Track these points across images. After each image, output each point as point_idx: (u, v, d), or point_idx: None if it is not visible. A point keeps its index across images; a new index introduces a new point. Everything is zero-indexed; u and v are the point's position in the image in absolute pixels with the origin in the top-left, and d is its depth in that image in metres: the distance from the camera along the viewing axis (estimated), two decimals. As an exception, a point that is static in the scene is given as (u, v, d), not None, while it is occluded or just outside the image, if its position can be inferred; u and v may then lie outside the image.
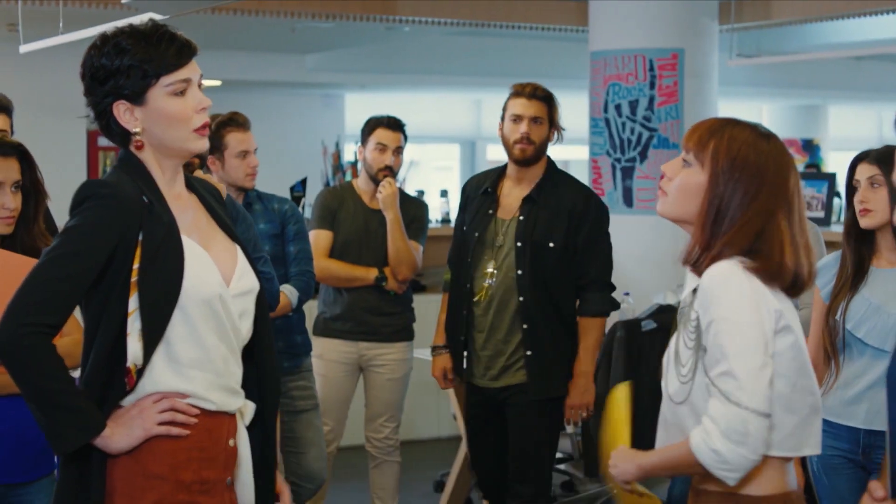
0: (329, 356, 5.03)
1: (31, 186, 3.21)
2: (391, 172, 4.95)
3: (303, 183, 7.67)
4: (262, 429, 2.59)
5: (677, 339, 2.42)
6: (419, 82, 12.74)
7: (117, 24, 2.51)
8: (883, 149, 3.52)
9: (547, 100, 4.38)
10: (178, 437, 2.41)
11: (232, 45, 10.89)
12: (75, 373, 2.42)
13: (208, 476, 2.45)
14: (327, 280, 4.96)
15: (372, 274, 4.91)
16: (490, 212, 4.38)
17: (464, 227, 4.45)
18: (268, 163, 8.73)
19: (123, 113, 2.44)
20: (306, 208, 8.20)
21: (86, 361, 2.41)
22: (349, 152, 9.61)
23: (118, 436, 2.37)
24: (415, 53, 11.51)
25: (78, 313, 2.46)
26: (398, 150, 4.99)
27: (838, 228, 7.45)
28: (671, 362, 2.42)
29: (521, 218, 4.30)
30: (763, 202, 2.33)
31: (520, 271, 4.26)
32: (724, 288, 2.29)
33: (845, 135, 17.22)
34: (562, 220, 4.29)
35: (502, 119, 4.42)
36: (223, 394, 2.47)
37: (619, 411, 2.62)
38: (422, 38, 10.88)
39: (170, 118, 2.44)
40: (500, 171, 4.48)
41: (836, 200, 7.80)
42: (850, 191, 3.52)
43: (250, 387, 2.56)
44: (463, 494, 5.88)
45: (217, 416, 2.47)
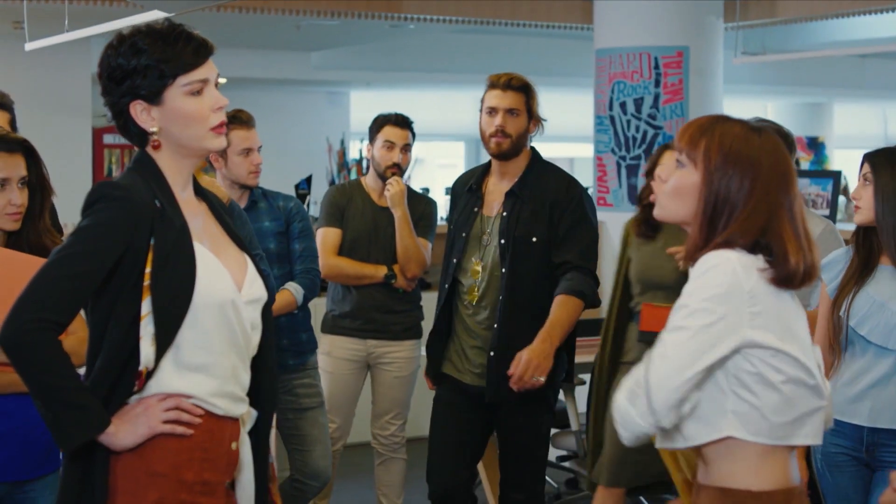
0: (337, 353, 5.03)
1: (36, 182, 3.21)
2: (399, 170, 4.94)
3: (308, 180, 7.68)
4: (255, 438, 2.59)
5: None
6: (424, 80, 12.74)
7: (133, 23, 2.51)
8: (884, 147, 3.52)
9: (524, 90, 4.15)
10: (181, 437, 2.41)
11: (237, 43, 10.90)
12: (80, 371, 2.43)
13: (210, 478, 2.46)
14: (336, 278, 4.95)
15: (381, 271, 4.91)
16: (475, 209, 4.21)
17: (452, 226, 4.30)
18: (273, 160, 8.74)
19: (140, 113, 2.44)
20: (311, 206, 8.22)
21: (91, 361, 2.42)
22: (354, 150, 9.63)
23: (123, 433, 2.37)
24: (420, 51, 11.51)
25: (82, 313, 2.46)
26: (406, 148, 4.99)
27: (842, 226, 7.46)
28: None
29: (505, 214, 4.12)
30: (760, 196, 2.31)
31: (503, 269, 4.08)
32: (706, 268, 2.29)
33: (850, 132, 17.22)
34: (544, 213, 4.11)
35: (480, 112, 4.22)
36: (227, 400, 2.48)
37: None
38: (426, 36, 10.88)
39: (187, 118, 2.44)
40: (485, 167, 4.30)
41: (840, 198, 7.79)
42: None
43: (249, 395, 2.56)
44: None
45: (220, 419, 2.47)
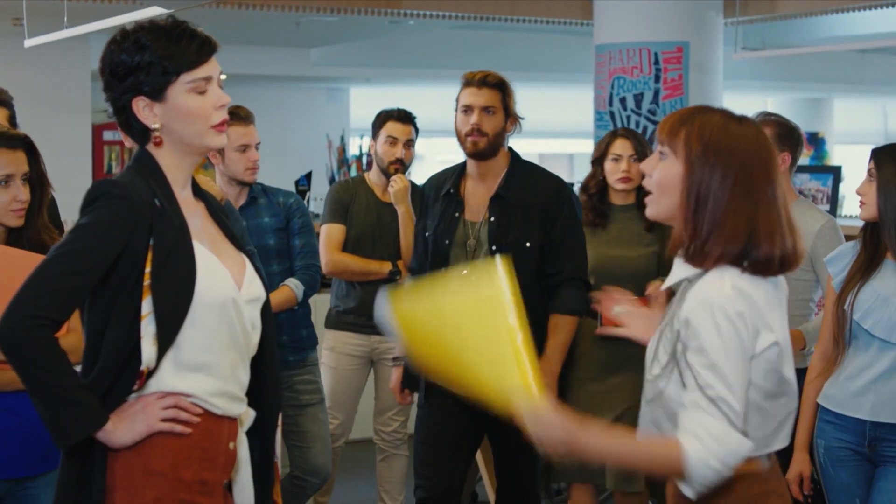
0: (341, 349, 5.03)
1: (36, 178, 3.21)
2: (402, 165, 4.94)
3: (307, 177, 7.68)
4: (260, 438, 2.60)
5: (660, 334, 2.41)
6: (424, 76, 12.73)
7: (133, 19, 2.51)
8: (890, 143, 3.53)
9: (499, 87, 4.02)
10: (180, 436, 2.41)
11: (236, 39, 10.89)
12: (77, 368, 2.42)
13: (208, 477, 2.46)
14: (341, 274, 4.94)
15: (386, 267, 4.91)
16: (456, 215, 4.02)
17: (426, 234, 4.09)
18: (272, 157, 8.74)
19: (143, 109, 2.44)
20: (311, 202, 8.22)
21: (88, 360, 2.41)
22: (354, 146, 9.62)
23: (121, 430, 2.37)
24: (419, 47, 11.51)
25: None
26: (409, 143, 4.98)
27: (843, 222, 7.45)
28: (653, 356, 2.41)
29: (493, 219, 3.95)
30: (743, 184, 2.30)
31: None
32: (712, 321, 2.26)
33: (850, 128, 17.20)
34: (535, 217, 3.96)
35: (455, 111, 4.10)
36: (226, 400, 2.48)
37: (498, 308, 2.46)
38: (426, 32, 10.87)
39: (189, 115, 2.44)
40: (459, 169, 4.11)
41: (840, 193, 7.79)
42: None
43: (250, 396, 2.56)
44: (468, 488, 5.88)
45: (219, 419, 2.47)
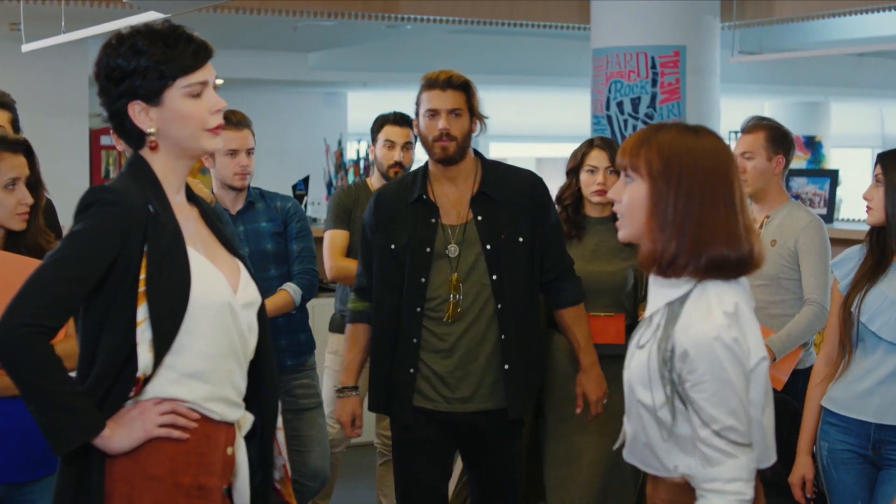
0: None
1: (33, 182, 3.22)
2: (402, 168, 4.93)
3: (305, 181, 7.68)
4: (259, 443, 2.60)
5: (648, 356, 2.41)
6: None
7: (130, 24, 2.51)
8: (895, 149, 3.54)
9: (464, 88, 3.87)
10: (177, 441, 2.41)
11: (234, 44, 10.90)
12: (72, 374, 2.42)
13: (205, 482, 2.45)
14: (345, 280, 4.92)
15: None
16: (433, 220, 3.84)
17: (391, 247, 3.86)
18: (270, 161, 8.75)
19: (138, 113, 2.44)
20: (308, 206, 8.23)
21: (84, 366, 2.41)
22: (351, 150, 9.63)
23: (118, 436, 2.37)
24: (417, 51, 11.51)
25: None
26: (407, 146, 4.99)
27: (840, 226, 7.46)
28: (647, 383, 2.42)
29: (480, 218, 3.83)
30: (706, 192, 2.35)
31: (494, 276, 3.79)
32: (710, 355, 2.30)
33: (847, 132, 17.21)
34: (523, 212, 3.86)
35: (416, 115, 3.92)
36: (223, 405, 2.47)
37: None
38: (424, 36, 10.88)
39: (185, 119, 2.44)
40: (421, 175, 3.91)
41: (838, 197, 7.80)
42: None
43: (248, 401, 2.56)
44: (465, 493, 5.87)
45: (216, 424, 2.47)
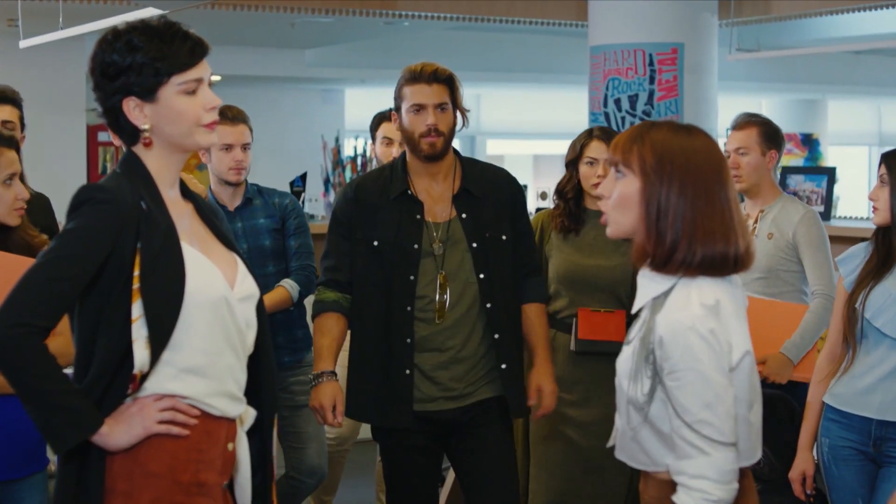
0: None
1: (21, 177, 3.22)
2: None
3: (302, 178, 7.67)
4: (259, 437, 2.60)
5: (633, 352, 2.43)
6: (419, 77, 12.67)
7: (127, 19, 2.50)
8: None
9: (449, 82, 3.74)
10: (177, 438, 2.40)
11: (232, 41, 10.90)
12: (67, 371, 2.42)
13: (206, 478, 2.45)
14: None
15: None
16: (418, 217, 3.72)
17: (373, 244, 3.72)
18: (267, 158, 8.75)
19: (133, 109, 2.44)
20: (306, 203, 8.22)
21: (80, 364, 2.41)
22: (349, 147, 9.62)
23: (117, 433, 2.36)
24: (414, 48, 11.51)
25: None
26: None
27: (837, 223, 7.47)
28: (632, 375, 2.43)
29: (464, 216, 3.73)
30: (699, 189, 2.37)
31: (482, 275, 3.70)
32: (684, 342, 2.31)
33: (844, 129, 17.23)
34: (504, 209, 3.78)
35: (397, 109, 3.76)
36: (224, 401, 2.47)
37: None
38: (421, 33, 10.89)
39: (180, 116, 2.44)
40: (400, 169, 3.78)
41: (835, 195, 7.81)
42: None
43: (247, 395, 2.56)
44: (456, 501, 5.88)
45: (217, 420, 2.47)
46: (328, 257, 3.80)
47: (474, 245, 3.71)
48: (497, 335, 3.72)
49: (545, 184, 10.85)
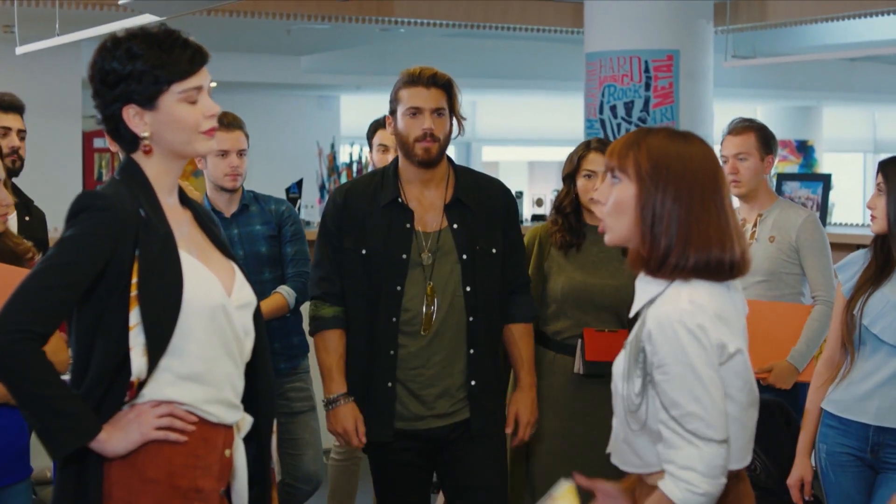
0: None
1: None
2: None
3: (298, 184, 7.67)
4: (257, 444, 2.60)
5: (626, 354, 2.44)
6: (414, 84, 12.68)
7: (125, 27, 2.51)
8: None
9: (447, 87, 3.68)
10: (175, 444, 2.41)
11: (227, 47, 10.89)
12: (64, 377, 2.42)
13: (203, 485, 2.45)
14: None
15: None
16: (408, 226, 3.64)
17: (362, 251, 3.64)
18: (263, 164, 8.74)
19: (133, 117, 2.44)
20: (302, 209, 8.22)
21: (78, 372, 2.41)
22: (344, 154, 9.61)
23: (115, 439, 2.37)
24: (410, 55, 11.52)
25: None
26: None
27: (832, 230, 7.47)
28: (625, 375, 2.43)
29: (456, 226, 3.64)
30: (695, 195, 2.37)
31: (468, 287, 3.62)
32: (672, 335, 2.31)
33: (839, 136, 17.24)
34: (496, 221, 3.70)
35: (392, 113, 3.69)
36: (222, 408, 2.48)
37: None
38: (417, 40, 10.89)
39: (180, 124, 2.44)
40: (392, 176, 3.70)
41: (830, 202, 7.81)
42: None
43: (245, 402, 2.56)
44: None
45: (214, 426, 2.47)
46: (319, 267, 3.73)
47: (464, 257, 3.63)
48: (472, 350, 3.64)
49: (541, 190, 10.86)
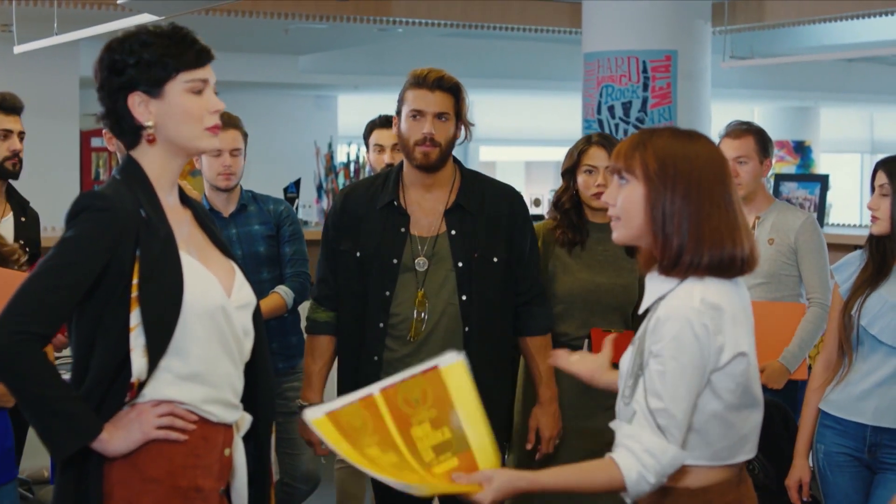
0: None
1: None
2: None
3: (296, 184, 7.68)
4: (255, 443, 2.61)
5: (632, 351, 2.45)
6: (412, 84, 12.69)
7: (123, 27, 2.52)
8: None
9: (454, 91, 3.59)
10: (175, 443, 2.41)
11: (225, 47, 10.86)
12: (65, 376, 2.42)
13: (203, 484, 2.46)
14: None
15: None
16: (402, 230, 3.57)
17: (356, 254, 3.59)
18: (261, 164, 8.73)
19: (138, 105, 2.44)
20: (300, 209, 8.22)
21: (78, 372, 2.41)
22: (342, 153, 9.61)
23: (116, 439, 2.37)
24: (408, 55, 11.52)
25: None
26: (396, 147, 4.97)
27: (830, 230, 7.48)
28: (631, 369, 2.44)
29: (454, 232, 3.56)
30: (704, 193, 2.38)
31: (464, 296, 3.53)
32: (677, 330, 2.32)
33: (837, 136, 17.25)
34: (501, 229, 3.59)
35: (398, 113, 3.64)
36: (221, 407, 2.48)
37: (466, 400, 2.49)
38: (415, 40, 10.89)
39: (185, 114, 2.45)
40: (393, 178, 3.64)
41: (827, 202, 7.82)
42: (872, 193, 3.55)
43: (244, 402, 2.57)
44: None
45: (214, 426, 2.48)
46: (320, 268, 3.71)
47: (460, 264, 3.54)
48: (467, 360, 3.54)
49: (538, 190, 10.86)
